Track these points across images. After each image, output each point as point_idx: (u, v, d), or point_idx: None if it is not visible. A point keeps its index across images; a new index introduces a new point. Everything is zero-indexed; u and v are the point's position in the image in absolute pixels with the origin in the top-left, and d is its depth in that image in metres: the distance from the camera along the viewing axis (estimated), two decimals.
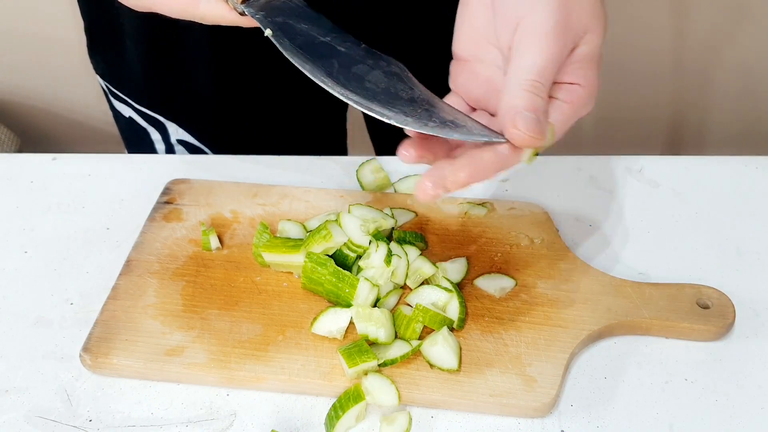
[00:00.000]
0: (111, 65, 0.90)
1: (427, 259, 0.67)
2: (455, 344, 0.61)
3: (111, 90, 0.92)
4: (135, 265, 0.69)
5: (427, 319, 0.61)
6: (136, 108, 0.90)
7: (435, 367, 0.60)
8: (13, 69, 1.70)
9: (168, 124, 0.90)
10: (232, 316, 0.64)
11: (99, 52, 0.90)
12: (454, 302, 0.63)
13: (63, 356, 0.64)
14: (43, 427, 0.59)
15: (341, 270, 0.64)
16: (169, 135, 0.91)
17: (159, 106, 0.89)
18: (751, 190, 0.80)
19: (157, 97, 0.89)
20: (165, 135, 0.91)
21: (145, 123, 0.91)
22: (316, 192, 0.77)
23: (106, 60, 0.90)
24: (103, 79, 0.92)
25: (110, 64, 0.90)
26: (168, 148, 0.93)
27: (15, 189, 0.81)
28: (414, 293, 0.65)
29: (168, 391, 0.61)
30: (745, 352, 0.64)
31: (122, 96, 0.91)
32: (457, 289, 0.64)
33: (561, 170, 0.82)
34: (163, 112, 0.90)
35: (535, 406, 0.58)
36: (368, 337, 0.61)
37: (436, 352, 0.60)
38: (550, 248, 0.70)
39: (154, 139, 0.92)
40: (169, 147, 0.92)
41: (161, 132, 0.91)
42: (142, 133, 0.92)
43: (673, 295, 0.66)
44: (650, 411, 0.59)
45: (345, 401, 0.58)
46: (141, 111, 0.90)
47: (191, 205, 0.75)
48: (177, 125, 0.90)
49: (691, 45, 1.67)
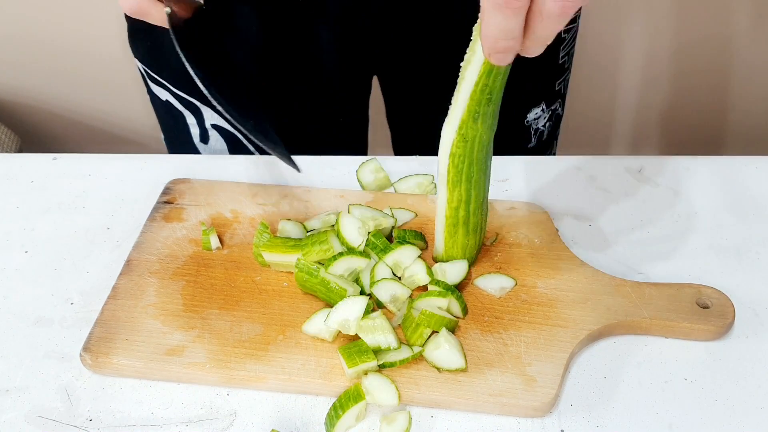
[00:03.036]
0: (150, 50, 0.92)
1: (424, 264, 0.67)
2: (457, 343, 0.61)
3: (149, 74, 0.94)
4: (135, 265, 0.69)
5: (433, 322, 0.61)
6: (173, 92, 0.92)
7: (443, 370, 0.60)
8: (14, 69, 1.70)
9: (204, 108, 0.92)
10: (233, 315, 0.64)
11: (138, 37, 0.92)
12: (454, 304, 0.63)
13: (63, 356, 0.64)
14: (43, 427, 0.59)
15: (329, 280, 0.64)
16: (204, 119, 0.93)
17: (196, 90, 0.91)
18: (751, 190, 0.80)
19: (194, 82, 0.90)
20: (200, 119, 0.93)
21: (182, 107, 0.93)
22: (316, 192, 0.77)
23: (146, 44, 0.92)
24: (141, 63, 0.94)
25: (149, 49, 0.92)
26: (202, 132, 0.94)
27: (15, 189, 0.81)
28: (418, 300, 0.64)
29: (168, 391, 0.61)
30: (745, 352, 0.64)
31: (160, 80, 0.93)
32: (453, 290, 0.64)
33: (561, 170, 0.82)
34: (199, 96, 0.91)
35: (534, 406, 0.58)
36: (380, 348, 0.61)
37: (442, 355, 0.60)
38: (550, 248, 0.70)
39: (189, 123, 0.94)
40: (203, 131, 0.94)
41: (196, 116, 0.93)
42: (177, 116, 0.94)
43: (673, 295, 0.66)
44: (650, 411, 0.59)
45: (345, 401, 0.58)
46: (178, 95, 0.92)
47: (191, 205, 0.75)
48: (212, 110, 0.91)
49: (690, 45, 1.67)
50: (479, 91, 0.57)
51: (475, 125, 0.59)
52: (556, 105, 1.00)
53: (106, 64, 1.66)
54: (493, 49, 0.53)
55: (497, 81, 0.57)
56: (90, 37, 1.62)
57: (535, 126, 0.98)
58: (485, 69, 0.56)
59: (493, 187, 0.79)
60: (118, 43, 1.58)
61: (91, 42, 1.63)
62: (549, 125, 1.00)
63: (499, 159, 0.83)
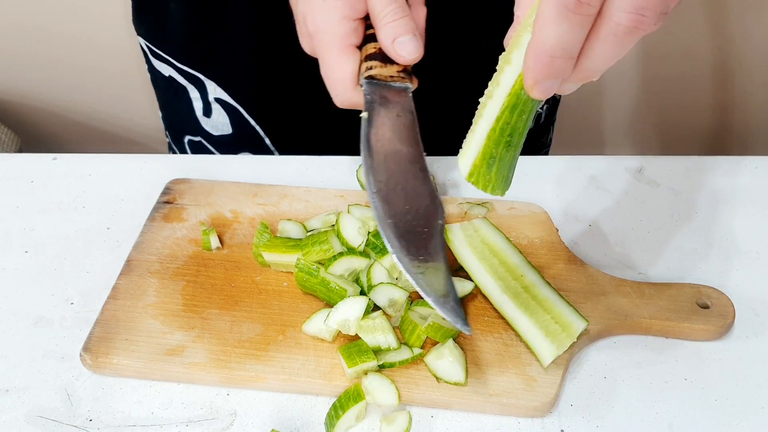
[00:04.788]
0: (154, 26, 0.92)
1: None
2: (461, 356, 0.60)
3: (152, 50, 0.94)
4: (135, 265, 0.69)
5: (440, 335, 0.61)
6: (176, 66, 0.93)
7: (442, 381, 0.60)
8: (14, 69, 1.70)
9: (207, 82, 0.92)
10: (233, 315, 0.64)
11: (143, 13, 0.93)
12: None
13: (63, 356, 0.64)
14: (43, 427, 0.59)
15: (329, 280, 0.64)
16: (207, 93, 0.93)
17: (199, 64, 0.92)
18: (751, 190, 0.80)
19: (197, 56, 0.91)
20: (203, 93, 0.93)
21: (185, 81, 0.93)
22: (316, 192, 0.77)
23: (150, 21, 0.92)
24: (145, 40, 0.95)
25: (154, 25, 0.92)
26: (205, 106, 0.94)
27: (15, 189, 0.81)
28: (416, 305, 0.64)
29: (168, 391, 0.61)
30: (745, 352, 0.64)
31: (163, 55, 0.93)
32: None
33: (561, 170, 0.82)
34: (203, 70, 0.92)
35: (534, 406, 0.58)
36: (380, 348, 0.61)
37: (443, 366, 0.60)
38: (550, 248, 0.70)
39: (193, 97, 0.94)
40: (207, 105, 0.94)
41: (200, 90, 0.93)
42: (181, 91, 0.94)
43: (673, 295, 0.66)
44: (650, 411, 0.59)
45: (345, 401, 0.58)
46: (181, 69, 0.93)
47: (191, 205, 0.75)
48: (216, 84, 0.92)
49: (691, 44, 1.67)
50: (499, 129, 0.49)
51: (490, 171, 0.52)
52: None
53: (106, 64, 1.66)
54: (546, 71, 0.44)
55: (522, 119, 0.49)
56: (90, 38, 1.62)
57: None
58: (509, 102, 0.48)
59: None
60: (119, 43, 1.58)
61: (92, 42, 1.63)
62: (547, 108, 1.01)
63: None
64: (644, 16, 0.42)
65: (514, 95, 0.48)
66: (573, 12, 0.42)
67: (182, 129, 0.98)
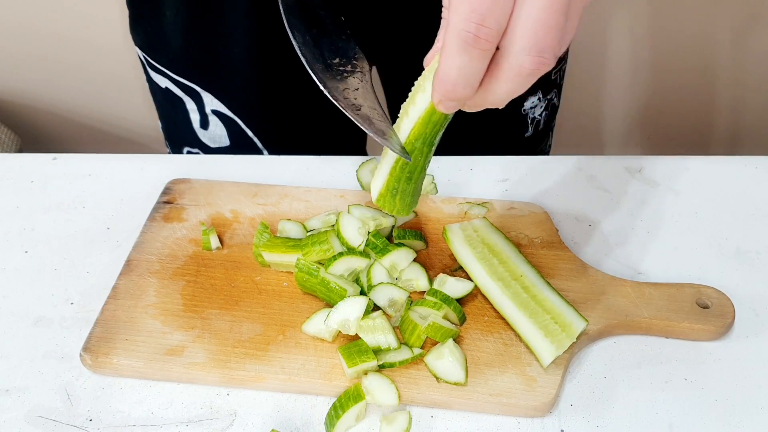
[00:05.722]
0: (151, 36, 0.92)
1: (424, 272, 0.67)
2: (461, 356, 0.60)
3: (149, 61, 0.94)
4: (135, 265, 0.69)
5: (440, 335, 0.61)
6: (173, 78, 0.93)
7: (441, 380, 0.60)
8: (14, 69, 1.70)
9: (204, 94, 0.92)
10: (233, 315, 0.64)
11: (139, 23, 0.93)
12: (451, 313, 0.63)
13: (63, 356, 0.64)
14: (43, 427, 0.59)
15: (329, 280, 0.64)
16: (204, 105, 0.93)
17: (196, 76, 0.92)
18: (751, 190, 0.80)
19: (194, 68, 0.92)
20: (200, 105, 0.93)
21: (182, 93, 0.93)
22: (316, 192, 0.77)
23: (146, 31, 0.92)
24: (142, 51, 0.94)
25: (150, 36, 0.92)
26: (202, 118, 0.95)
27: (15, 189, 0.81)
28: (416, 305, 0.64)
29: (168, 391, 0.61)
30: (745, 352, 0.64)
31: (160, 67, 0.93)
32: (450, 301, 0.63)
33: (561, 170, 0.82)
34: (199, 82, 0.92)
35: (534, 406, 0.58)
36: (380, 348, 0.61)
37: (443, 366, 0.60)
38: (550, 248, 0.70)
39: (189, 109, 0.94)
40: (204, 117, 0.94)
41: (197, 102, 0.93)
42: (178, 102, 0.94)
43: (673, 294, 0.66)
44: (650, 411, 0.59)
45: (345, 401, 0.58)
46: (178, 81, 0.93)
47: (191, 205, 0.75)
48: (212, 96, 0.92)
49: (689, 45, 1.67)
50: (399, 168, 0.56)
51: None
52: (552, 95, 1.00)
53: (106, 64, 1.66)
54: (449, 95, 0.48)
55: (435, 130, 0.54)
56: (90, 38, 1.62)
57: (532, 115, 0.99)
58: (425, 116, 0.53)
59: (493, 187, 0.80)
60: (119, 43, 1.58)
61: (92, 42, 1.63)
62: (545, 114, 1.01)
63: (499, 159, 0.83)
64: (545, 58, 0.46)
65: (431, 109, 0.52)
66: (472, 46, 0.46)
67: (181, 140, 0.98)
